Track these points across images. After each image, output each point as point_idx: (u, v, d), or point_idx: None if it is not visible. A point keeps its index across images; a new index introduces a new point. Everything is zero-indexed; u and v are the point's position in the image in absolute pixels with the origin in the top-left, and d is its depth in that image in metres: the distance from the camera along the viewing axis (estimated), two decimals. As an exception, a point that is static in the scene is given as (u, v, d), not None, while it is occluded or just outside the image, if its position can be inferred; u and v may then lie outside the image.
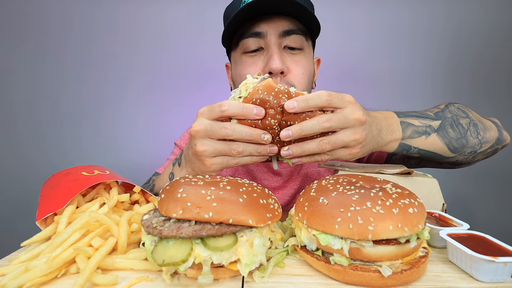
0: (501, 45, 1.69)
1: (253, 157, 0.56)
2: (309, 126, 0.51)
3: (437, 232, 0.52)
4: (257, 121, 0.52)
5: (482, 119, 0.74)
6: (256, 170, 1.00)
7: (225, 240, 0.40)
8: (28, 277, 0.38)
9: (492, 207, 1.76)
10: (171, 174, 0.71)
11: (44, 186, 0.64)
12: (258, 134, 0.52)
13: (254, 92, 0.52)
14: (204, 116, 0.55)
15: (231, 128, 0.52)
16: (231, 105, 0.52)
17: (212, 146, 0.55)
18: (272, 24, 0.73)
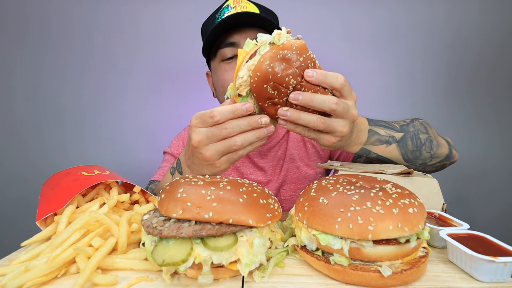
0: (501, 45, 1.69)
1: (254, 144, 0.58)
2: (319, 100, 0.54)
3: (437, 232, 0.52)
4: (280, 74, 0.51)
5: (438, 137, 0.82)
6: (242, 166, 1.07)
7: (225, 240, 0.40)
8: (28, 277, 0.38)
9: (492, 207, 1.76)
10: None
11: (44, 186, 0.64)
12: (255, 121, 0.55)
13: (288, 46, 0.51)
14: (199, 127, 0.57)
15: (230, 127, 0.55)
16: (221, 112, 0.54)
17: (216, 149, 0.57)
18: (244, 34, 0.84)
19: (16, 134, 1.65)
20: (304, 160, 1.07)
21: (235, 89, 0.56)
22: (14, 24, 1.61)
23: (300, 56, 0.52)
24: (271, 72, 0.51)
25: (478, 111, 1.74)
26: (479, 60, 1.70)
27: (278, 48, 0.51)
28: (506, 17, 1.67)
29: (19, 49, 1.62)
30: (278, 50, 0.51)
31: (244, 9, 0.85)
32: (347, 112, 0.58)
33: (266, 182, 1.07)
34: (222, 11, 0.86)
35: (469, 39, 1.69)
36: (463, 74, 1.71)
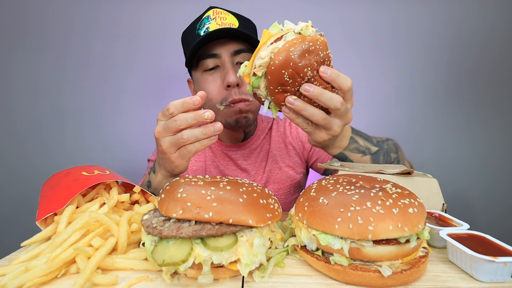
0: (501, 44, 1.69)
1: (203, 141, 0.60)
2: (328, 96, 0.57)
3: (437, 232, 0.52)
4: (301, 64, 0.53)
5: (404, 159, 0.86)
6: (226, 169, 1.09)
7: (225, 240, 0.40)
8: (28, 277, 0.38)
9: (492, 207, 1.76)
10: (148, 182, 0.76)
11: (44, 186, 0.64)
12: (199, 115, 0.58)
13: (314, 40, 0.53)
14: (161, 119, 0.61)
15: (179, 119, 0.58)
16: (174, 105, 0.58)
17: (169, 141, 0.61)
18: (225, 46, 0.88)
19: (16, 134, 1.65)
20: (286, 161, 1.10)
21: (250, 67, 0.56)
22: (14, 24, 1.61)
23: (322, 52, 0.54)
24: (293, 59, 0.52)
25: (478, 111, 1.74)
26: (479, 60, 1.70)
27: (304, 39, 0.52)
28: (507, 17, 1.67)
29: (19, 49, 1.62)
30: (305, 40, 0.52)
31: (224, 21, 0.89)
32: (346, 114, 0.62)
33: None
34: (203, 22, 0.90)
35: (469, 39, 1.69)
36: (464, 74, 1.71)
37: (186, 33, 0.97)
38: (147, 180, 0.77)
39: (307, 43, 0.52)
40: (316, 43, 0.53)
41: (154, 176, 0.73)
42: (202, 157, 1.10)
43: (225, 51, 0.89)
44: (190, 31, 0.94)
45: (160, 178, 0.71)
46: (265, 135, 1.13)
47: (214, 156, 1.10)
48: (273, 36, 0.55)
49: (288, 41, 0.52)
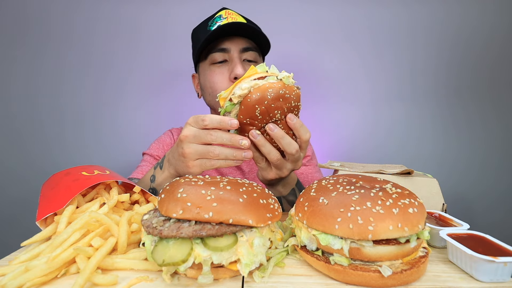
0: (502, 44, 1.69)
1: (228, 161, 0.64)
2: (288, 140, 0.63)
3: (437, 232, 0.52)
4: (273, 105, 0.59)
5: None
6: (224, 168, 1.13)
7: (225, 240, 0.40)
8: (28, 277, 0.38)
9: (492, 207, 1.76)
10: (152, 176, 0.78)
11: (44, 186, 0.64)
12: (236, 140, 0.61)
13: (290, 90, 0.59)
14: (191, 125, 0.64)
15: (215, 135, 0.61)
16: (211, 119, 0.61)
17: (195, 149, 0.63)
18: (234, 42, 0.93)
19: (16, 134, 1.65)
20: None
21: (229, 93, 0.61)
22: (14, 24, 1.61)
23: (294, 102, 0.61)
24: (268, 99, 0.58)
25: (479, 111, 1.74)
26: (479, 60, 1.70)
27: (283, 86, 0.58)
28: (507, 17, 1.67)
29: (19, 49, 1.62)
30: (283, 87, 0.58)
31: (235, 21, 0.93)
32: (297, 161, 0.68)
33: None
34: (215, 20, 0.94)
35: (470, 38, 1.69)
36: (464, 74, 1.72)
37: (197, 30, 1.01)
38: (151, 175, 0.77)
39: (284, 90, 0.58)
40: (292, 93, 0.60)
41: (160, 172, 0.74)
42: None
43: (235, 47, 0.93)
44: (201, 28, 0.98)
45: (166, 175, 0.73)
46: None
47: None
48: (258, 73, 0.61)
49: (269, 83, 0.58)
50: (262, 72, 0.61)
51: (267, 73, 0.61)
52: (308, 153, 1.21)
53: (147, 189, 0.76)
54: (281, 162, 0.67)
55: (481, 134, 1.74)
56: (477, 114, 1.74)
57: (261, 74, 0.61)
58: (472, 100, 1.73)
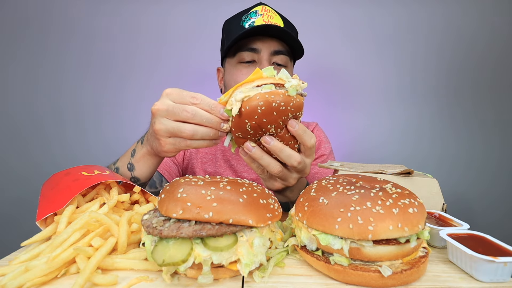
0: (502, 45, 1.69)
1: (205, 141, 0.57)
2: (287, 153, 0.57)
3: (437, 232, 0.52)
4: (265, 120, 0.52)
5: None
6: (237, 164, 1.08)
7: (225, 240, 0.40)
8: (28, 277, 0.38)
9: (492, 207, 1.76)
10: (133, 150, 0.73)
11: (44, 186, 0.64)
12: (218, 121, 0.54)
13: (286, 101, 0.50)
14: (169, 98, 0.56)
15: (192, 112, 0.53)
16: (203, 100, 0.53)
17: (166, 125, 0.55)
18: (266, 43, 0.88)
19: (16, 134, 1.65)
20: None
21: (229, 97, 0.54)
22: (14, 24, 1.61)
23: (292, 113, 0.53)
24: (259, 113, 0.50)
25: (478, 111, 1.74)
26: (480, 61, 1.70)
27: (277, 97, 0.49)
28: (508, 17, 1.67)
29: (19, 48, 1.62)
30: (277, 99, 0.49)
31: (271, 19, 0.88)
32: (303, 169, 0.62)
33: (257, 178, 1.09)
34: (249, 15, 0.89)
35: (470, 40, 1.69)
36: (464, 74, 1.72)
37: (230, 22, 0.96)
38: (133, 149, 0.73)
39: (278, 102, 0.49)
40: (288, 104, 0.51)
41: (141, 147, 0.70)
42: (213, 149, 1.09)
43: (266, 48, 0.89)
44: (234, 21, 0.93)
45: (144, 152, 0.68)
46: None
47: (225, 149, 1.09)
48: (262, 78, 0.52)
49: (261, 94, 0.49)
50: (267, 78, 0.52)
51: (272, 79, 0.52)
52: (325, 152, 1.14)
53: (126, 163, 0.71)
54: (284, 173, 0.60)
55: (481, 134, 1.74)
56: (477, 114, 1.74)
57: (264, 80, 0.51)
58: (472, 100, 1.73)
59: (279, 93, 0.49)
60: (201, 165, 1.07)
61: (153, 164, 0.71)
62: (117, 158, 0.79)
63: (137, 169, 0.71)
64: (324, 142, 1.18)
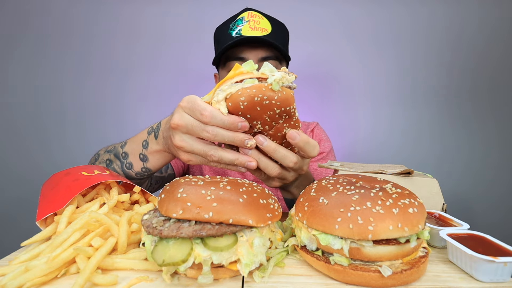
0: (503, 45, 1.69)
1: (229, 166, 0.56)
2: (281, 154, 0.55)
3: (437, 232, 0.52)
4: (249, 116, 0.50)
5: None
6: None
7: (225, 240, 0.40)
8: (28, 277, 0.38)
9: (492, 207, 1.76)
10: (145, 141, 0.72)
11: (44, 186, 0.64)
12: (242, 140, 0.52)
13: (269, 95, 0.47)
14: (185, 111, 0.54)
15: (213, 133, 0.51)
16: (213, 116, 0.50)
17: (190, 144, 0.54)
18: (254, 51, 0.89)
19: (16, 134, 1.65)
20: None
21: (212, 96, 0.52)
22: (14, 24, 1.61)
23: (279, 108, 0.49)
24: (242, 109, 0.49)
25: (478, 111, 1.74)
26: (480, 61, 1.70)
27: (260, 91, 0.47)
28: (508, 18, 1.67)
29: (19, 49, 1.62)
30: (259, 93, 0.47)
31: (257, 24, 0.88)
32: (300, 168, 0.61)
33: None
34: (236, 23, 0.90)
35: (471, 40, 1.69)
36: (464, 75, 1.72)
37: (219, 31, 0.97)
38: (144, 139, 0.72)
39: (260, 96, 0.47)
40: (273, 98, 0.47)
41: (155, 142, 0.69)
42: None
43: (253, 56, 0.90)
44: (223, 30, 0.94)
45: (160, 148, 0.67)
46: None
47: None
48: (243, 74, 0.50)
49: (242, 89, 0.47)
50: (248, 73, 0.49)
51: (254, 74, 0.49)
52: (324, 150, 1.13)
53: (138, 153, 0.70)
54: (281, 174, 0.59)
55: (480, 134, 1.74)
56: (477, 114, 1.74)
57: (245, 75, 0.49)
58: (471, 101, 1.73)
59: (261, 87, 0.47)
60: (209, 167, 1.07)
61: (169, 160, 0.71)
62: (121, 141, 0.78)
63: (150, 161, 0.71)
64: (324, 141, 1.17)
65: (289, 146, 0.57)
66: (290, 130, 0.53)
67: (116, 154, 0.76)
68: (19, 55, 1.62)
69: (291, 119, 0.52)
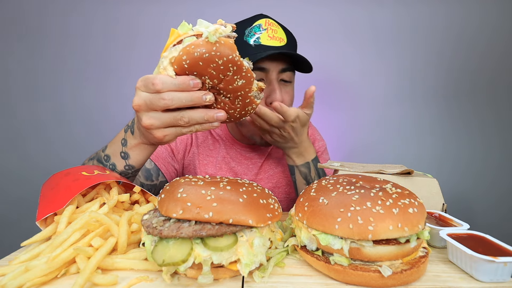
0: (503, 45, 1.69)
1: (203, 125, 0.57)
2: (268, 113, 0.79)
3: (437, 232, 0.52)
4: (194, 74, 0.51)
5: None
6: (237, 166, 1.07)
7: (225, 240, 0.40)
8: (28, 277, 0.38)
9: (492, 207, 1.76)
10: (123, 140, 0.72)
11: (44, 186, 0.64)
12: (198, 97, 0.52)
13: (208, 47, 0.48)
14: (141, 90, 0.55)
15: (169, 98, 0.51)
16: (164, 82, 0.51)
17: (158, 119, 0.55)
18: (275, 62, 0.87)
19: (16, 134, 1.65)
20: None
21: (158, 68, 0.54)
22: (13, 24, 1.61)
23: (220, 58, 0.49)
24: (186, 68, 0.50)
25: (478, 111, 1.74)
26: (480, 61, 1.70)
27: (198, 45, 0.48)
28: (508, 18, 1.67)
29: (18, 48, 1.62)
30: (197, 47, 0.48)
31: (275, 34, 0.87)
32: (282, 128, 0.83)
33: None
34: (253, 30, 0.87)
35: (471, 40, 1.68)
36: (464, 75, 1.71)
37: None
38: (122, 138, 0.72)
39: (199, 51, 0.48)
40: (211, 50, 0.48)
41: (132, 138, 0.69)
42: (215, 152, 1.08)
43: (274, 68, 0.87)
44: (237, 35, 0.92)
45: (139, 142, 0.68)
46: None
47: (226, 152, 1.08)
48: (179, 36, 0.51)
49: (183, 49, 0.49)
50: (184, 34, 0.51)
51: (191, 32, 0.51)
52: (319, 149, 1.14)
53: (119, 152, 0.71)
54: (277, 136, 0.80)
55: (480, 134, 1.74)
56: (476, 114, 1.74)
57: (182, 36, 0.51)
58: (472, 101, 1.73)
59: (198, 42, 0.48)
60: (203, 167, 1.07)
61: (149, 152, 0.72)
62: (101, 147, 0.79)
63: (132, 157, 0.71)
64: (318, 140, 1.18)
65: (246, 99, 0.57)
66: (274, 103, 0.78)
67: (99, 159, 0.76)
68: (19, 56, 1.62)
69: (241, 69, 0.52)
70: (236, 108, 0.58)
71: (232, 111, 0.58)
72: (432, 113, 1.73)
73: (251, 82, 0.55)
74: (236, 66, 0.51)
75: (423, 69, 1.71)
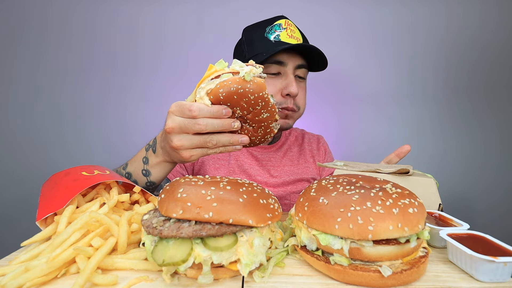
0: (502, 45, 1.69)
1: (228, 147, 0.63)
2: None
3: (437, 232, 0.52)
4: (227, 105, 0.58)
5: None
6: (250, 169, 1.10)
7: (225, 240, 0.40)
8: (28, 277, 0.38)
9: (492, 207, 1.76)
10: (144, 158, 0.77)
11: (44, 186, 0.64)
12: (228, 123, 0.59)
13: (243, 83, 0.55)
14: (175, 114, 0.60)
15: (204, 123, 0.58)
16: (200, 109, 0.57)
17: (188, 140, 0.60)
18: (292, 58, 0.93)
19: (16, 134, 1.65)
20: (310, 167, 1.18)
21: (194, 96, 0.60)
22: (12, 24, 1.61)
23: (252, 94, 0.57)
24: (222, 99, 0.57)
25: (478, 111, 1.74)
26: (479, 61, 1.70)
27: (234, 82, 0.55)
28: (508, 18, 1.67)
29: (17, 49, 1.62)
30: (234, 83, 0.55)
31: (293, 33, 0.95)
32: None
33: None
34: (274, 28, 0.94)
35: (470, 40, 1.68)
36: (464, 74, 1.71)
37: (253, 32, 0.99)
38: (144, 156, 0.77)
39: (235, 86, 0.55)
40: (246, 87, 0.55)
41: (154, 156, 0.74)
42: (226, 154, 1.11)
43: (292, 62, 0.93)
44: (257, 32, 0.97)
45: (161, 160, 0.73)
46: (295, 139, 1.22)
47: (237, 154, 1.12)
48: (216, 71, 0.58)
49: (220, 83, 0.56)
50: (221, 70, 0.58)
51: (225, 70, 0.58)
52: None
53: (141, 170, 0.76)
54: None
55: (480, 134, 1.74)
56: (476, 114, 1.74)
57: (219, 72, 0.58)
58: (471, 100, 1.73)
59: (235, 79, 0.55)
60: (214, 171, 1.08)
61: (170, 169, 0.77)
62: (123, 163, 0.83)
63: (153, 174, 0.76)
64: (329, 152, 1.27)
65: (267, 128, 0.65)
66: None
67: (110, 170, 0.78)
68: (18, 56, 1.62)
69: (267, 105, 0.60)
70: (258, 135, 0.66)
71: (254, 137, 0.66)
72: (432, 112, 1.73)
73: (274, 116, 0.63)
74: (264, 102, 0.59)
75: (423, 68, 1.71)
